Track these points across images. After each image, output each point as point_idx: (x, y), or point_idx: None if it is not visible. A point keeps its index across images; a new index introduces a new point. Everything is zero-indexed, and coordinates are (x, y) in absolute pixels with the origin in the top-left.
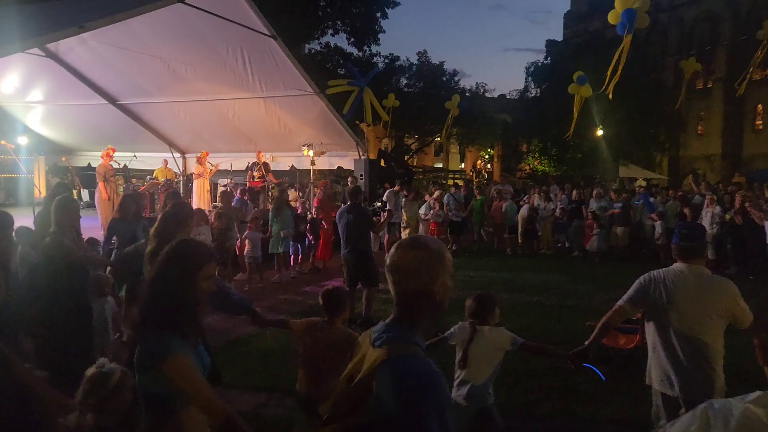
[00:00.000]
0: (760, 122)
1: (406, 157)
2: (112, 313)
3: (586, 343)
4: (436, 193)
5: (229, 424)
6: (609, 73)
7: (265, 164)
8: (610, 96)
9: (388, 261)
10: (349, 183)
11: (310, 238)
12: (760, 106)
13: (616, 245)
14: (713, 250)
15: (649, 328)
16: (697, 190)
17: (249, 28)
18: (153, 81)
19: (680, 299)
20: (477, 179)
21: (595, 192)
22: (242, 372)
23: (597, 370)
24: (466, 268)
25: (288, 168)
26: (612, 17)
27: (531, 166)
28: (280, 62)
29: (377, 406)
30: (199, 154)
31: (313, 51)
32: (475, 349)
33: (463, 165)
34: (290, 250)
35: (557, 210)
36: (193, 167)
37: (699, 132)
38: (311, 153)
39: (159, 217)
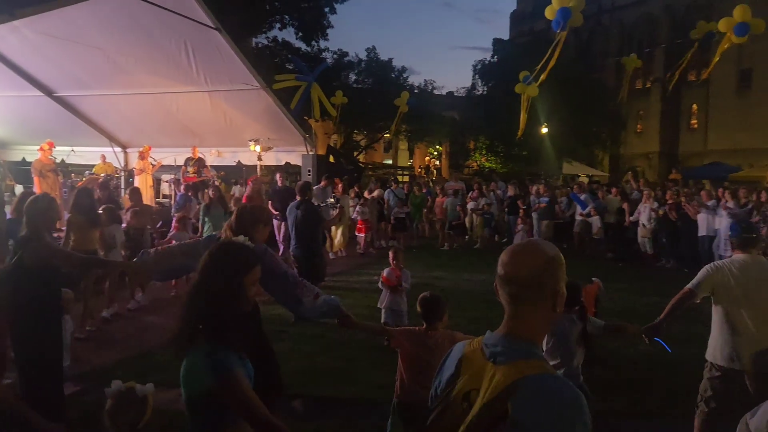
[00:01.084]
0: (695, 121)
1: (355, 153)
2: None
3: (658, 319)
4: (376, 192)
5: None
6: (539, 67)
7: (200, 159)
8: (537, 84)
9: (501, 270)
10: (277, 178)
11: None
12: (695, 105)
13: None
14: (651, 245)
15: (718, 311)
16: (636, 186)
17: (193, 19)
18: (92, 73)
19: (749, 285)
20: (426, 176)
21: (534, 189)
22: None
23: (664, 344)
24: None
25: (234, 163)
26: (548, 12)
27: (478, 163)
28: (226, 56)
29: (517, 431)
30: (141, 149)
31: (260, 45)
32: None
33: (411, 161)
34: None
35: (486, 205)
36: (135, 162)
37: (638, 130)
38: (258, 148)
39: (235, 213)
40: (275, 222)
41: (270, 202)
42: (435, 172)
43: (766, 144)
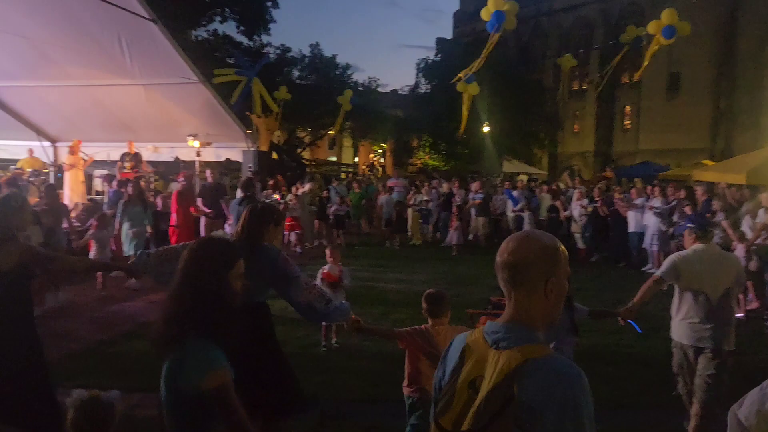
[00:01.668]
0: (628, 122)
1: (299, 150)
2: None
3: (631, 303)
4: (307, 186)
5: None
6: (475, 65)
7: (137, 154)
8: (465, 80)
9: (498, 257)
10: (207, 174)
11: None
12: (628, 107)
13: (477, 235)
14: (582, 240)
15: (680, 295)
16: (572, 184)
17: (126, 9)
18: (17, 62)
19: (707, 271)
20: (370, 173)
21: (473, 186)
22: (115, 373)
23: (635, 325)
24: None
25: (172, 159)
26: (484, 14)
27: (422, 161)
28: (162, 48)
29: (525, 412)
30: (71, 143)
31: (199, 38)
32: None
33: (356, 159)
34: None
35: (423, 202)
36: (65, 157)
37: (575, 130)
38: (197, 144)
39: (244, 214)
40: (204, 220)
41: (200, 199)
42: (380, 169)
43: (693, 144)
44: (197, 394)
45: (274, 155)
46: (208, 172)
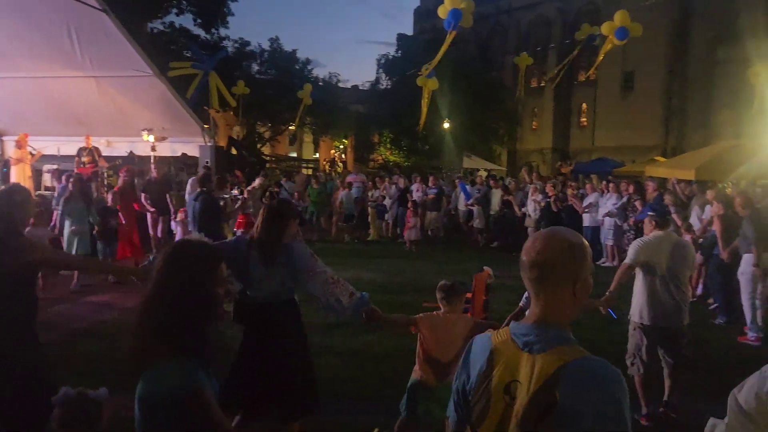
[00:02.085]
0: (585, 119)
1: (259, 146)
2: None
3: (608, 292)
4: (257, 181)
5: None
6: (434, 62)
7: (95, 148)
8: (426, 75)
9: (524, 256)
10: (152, 169)
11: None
12: (584, 104)
13: (431, 228)
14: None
15: (646, 279)
16: (530, 180)
17: None
18: None
19: (667, 255)
20: (330, 169)
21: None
22: (66, 375)
23: (612, 312)
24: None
25: (126, 154)
26: (441, 12)
27: (383, 156)
28: (114, 40)
29: (567, 417)
30: (17, 137)
31: (155, 31)
32: None
33: (317, 155)
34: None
35: (379, 197)
36: (11, 151)
37: (533, 127)
38: (152, 138)
39: (263, 212)
40: (150, 217)
41: (143, 194)
42: (341, 165)
43: (646, 141)
44: (175, 415)
45: (233, 150)
46: (152, 167)
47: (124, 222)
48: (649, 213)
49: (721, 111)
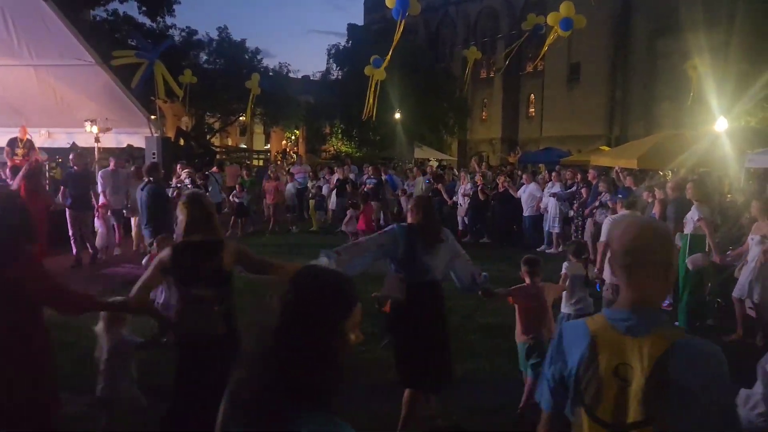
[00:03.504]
0: (533, 110)
1: (209, 137)
2: None
3: (596, 270)
4: (184, 173)
5: None
6: (389, 54)
7: (29, 141)
8: (382, 68)
9: (617, 244)
10: (71, 160)
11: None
12: (532, 95)
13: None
14: (463, 222)
15: None
16: (479, 170)
17: None
18: None
19: None
20: (282, 160)
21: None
22: None
23: (598, 287)
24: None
25: (68, 146)
26: (389, 1)
27: (335, 147)
28: (53, 27)
29: (683, 395)
30: None
31: (98, 18)
32: None
33: (268, 146)
34: None
35: (317, 188)
36: None
37: (483, 118)
38: (95, 129)
39: (418, 201)
40: (70, 213)
41: (62, 188)
42: (294, 156)
43: (591, 131)
44: None
45: (181, 142)
46: (71, 158)
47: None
48: (618, 196)
49: (661, 102)
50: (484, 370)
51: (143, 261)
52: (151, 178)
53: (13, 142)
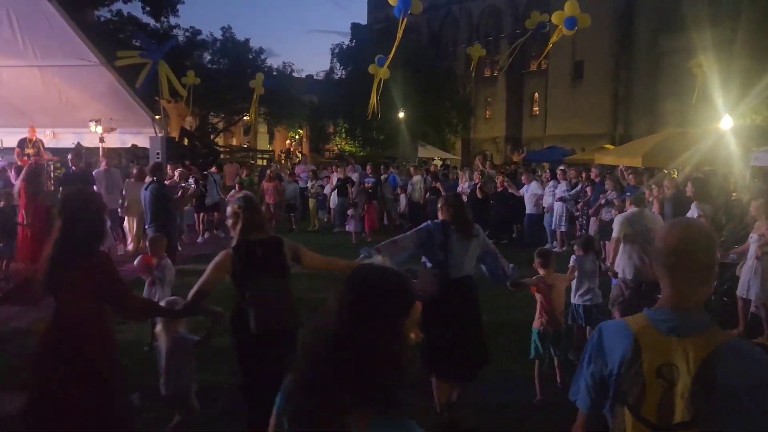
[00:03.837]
0: (537, 108)
1: (212, 137)
2: None
3: (609, 263)
4: (176, 173)
5: None
6: (392, 52)
7: (39, 140)
8: (386, 66)
9: (660, 243)
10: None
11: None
12: (536, 94)
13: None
14: None
15: (624, 245)
16: (483, 168)
17: None
18: None
19: (641, 227)
20: (286, 160)
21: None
22: (2, 372)
23: (614, 280)
24: None
25: (73, 145)
26: (391, 0)
27: (338, 146)
28: (58, 27)
29: (728, 397)
30: None
31: (102, 19)
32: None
33: (270, 146)
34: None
35: (318, 187)
36: None
37: (487, 116)
38: (100, 129)
39: (450, 201)
40: None
41: (61, 189)
42: (299, 156)
43: (595, 130)
44: None
45: (185, 141)
46: (70, 158)
47: (24, 219)
48: (627, 194)
49: (666, 100)
50: (489, 369)
51: (135, 261)
52: (155, 178)
53: (23, 143)
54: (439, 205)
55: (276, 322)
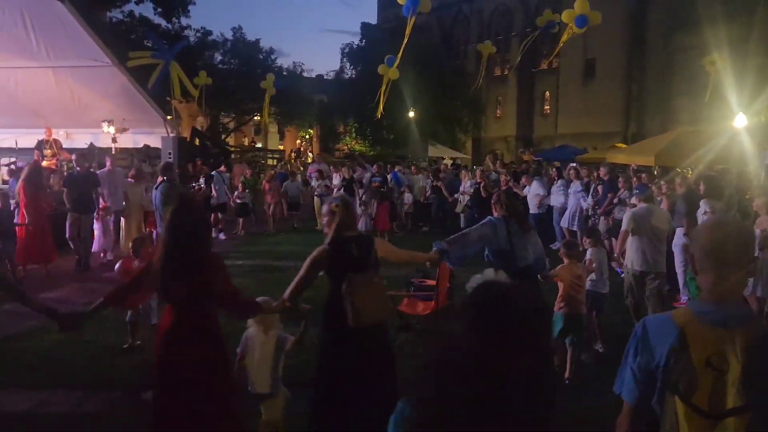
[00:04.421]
0: (548, 107)
1: (223, 136)
2: None
3: (615, 254)
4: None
5: None
6: (401, 51)
7: (56, 141)
8: (395, 66)
9: (707, 240)
10: (73, 161)
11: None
12: (547, 92)
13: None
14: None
15: (633, 237)
16: (494, 167)
17: None
18: None
19: (650, 221)
20: (296, 159)
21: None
22: (17, 370)
23: (619, 270)
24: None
25: (86, 146)
26: None
27: (349, 146)
28: (71, 29)
29: None
30: None
31: (114, 20)
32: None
33: (280, 145)
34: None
35: (324, 187)
36: None
37: (497, 115)
38: (112, 129)
39: (502, 197)
40: (71, 216)
41: (65, 190)
42: (310, 155)
43: (607, 128)
44: None
45: (197, 141)
46: (74, 158)
47: (26, 220)
48: (636, 192)
49: (678, 98)
50: None
51: (115, 266)
52: (165, 177)
53: (40, 145)
54: (492, 202)
55: (372, 315)
